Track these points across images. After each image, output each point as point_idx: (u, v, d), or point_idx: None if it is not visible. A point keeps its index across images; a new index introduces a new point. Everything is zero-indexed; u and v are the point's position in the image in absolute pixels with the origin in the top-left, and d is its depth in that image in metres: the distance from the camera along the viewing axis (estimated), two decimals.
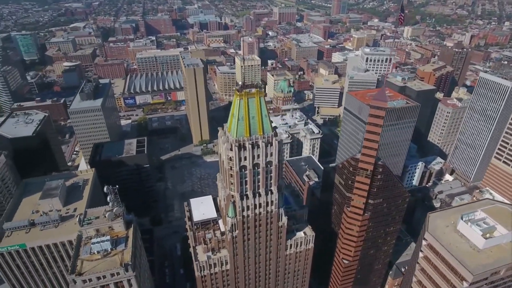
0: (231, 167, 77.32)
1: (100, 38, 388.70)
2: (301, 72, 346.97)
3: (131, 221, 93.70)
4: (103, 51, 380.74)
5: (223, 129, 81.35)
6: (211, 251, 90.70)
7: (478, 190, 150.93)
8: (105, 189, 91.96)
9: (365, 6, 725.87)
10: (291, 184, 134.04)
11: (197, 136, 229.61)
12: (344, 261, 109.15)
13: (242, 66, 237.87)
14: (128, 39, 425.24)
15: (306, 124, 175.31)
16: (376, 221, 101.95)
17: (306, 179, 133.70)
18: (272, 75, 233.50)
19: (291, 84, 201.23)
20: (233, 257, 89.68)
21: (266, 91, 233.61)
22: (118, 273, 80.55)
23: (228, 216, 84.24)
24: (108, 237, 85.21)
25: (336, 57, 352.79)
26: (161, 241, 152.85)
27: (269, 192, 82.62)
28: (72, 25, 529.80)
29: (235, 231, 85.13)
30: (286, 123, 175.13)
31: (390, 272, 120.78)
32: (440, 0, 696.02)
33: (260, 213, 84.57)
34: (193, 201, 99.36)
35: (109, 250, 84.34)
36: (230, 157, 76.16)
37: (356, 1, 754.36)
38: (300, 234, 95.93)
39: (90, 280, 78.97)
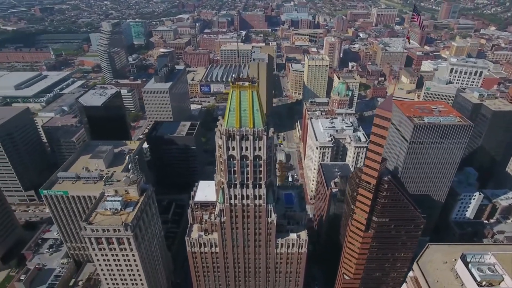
0: (220, 154, 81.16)
1: (194, 29, 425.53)
2: (382, 78, 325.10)
3: (146, 190, 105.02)
4: (195, 41, 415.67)
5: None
6: (204, 231, 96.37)
7: None
8: (126, 158, 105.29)
9: (484, 12, 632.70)
10: (302, 185, 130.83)
11: None
12: (345, 276, 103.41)
13: (309, 65, 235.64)
14: (220, 32, 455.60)
15: (355, 130, 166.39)
16: (382, 242, 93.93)
17: (332, 185, 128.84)
18: (339, 77, 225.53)
19: (350, 88, 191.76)
20: (221, 241, 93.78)
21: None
22: (119, 230, 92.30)
23: (217, 202, 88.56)
24: (120, 199, 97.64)
25: (426, 66, 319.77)
26: None
27: (257, 186, 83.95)
28: (178, 16, 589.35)
29: (223, 216, 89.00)
30: (333, 127, 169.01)
31: None
32: None
33: (248, 204, 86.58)
34: (202, 183, 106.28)
35: (119, 209, 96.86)
36: (220, 145, 79.95)
37: (475, 6, 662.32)
38: (294, 235, 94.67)
39: (97, 230, 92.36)
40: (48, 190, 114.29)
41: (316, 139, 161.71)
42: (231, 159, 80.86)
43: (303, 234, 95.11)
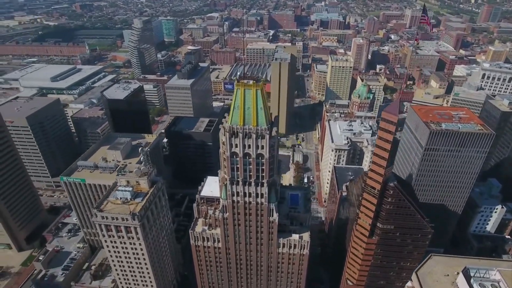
0: (224, 151, 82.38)
1: (222, 27, 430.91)
2: (411, 82, 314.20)
3: (156, 182, 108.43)
4: (223, 39, 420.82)
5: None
6: (209, 226, 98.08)
7: None
8: (139, 150, 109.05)
9: None
10: (310, 186, 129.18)
11: None
12: (348, 281, 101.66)
13: (332, 67, 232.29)
14: (248, 31, 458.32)
15: (373, 134, 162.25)
16: (387, 249, 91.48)
17: (344, 188, 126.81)
18: (362, 79, 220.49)
19: (372, 91, 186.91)
20: (224, 237, 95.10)
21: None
22: (127, 219, 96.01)
23: (221, 198, 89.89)
24: (131, 189, 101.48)
25: (459, 71, 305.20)
26: None
27: (260, 184, 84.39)
28: (208, 15, 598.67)
29: (225, 212, 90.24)
30: (351, 130, 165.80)
31: None
32: None
33: (250, 202, 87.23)
34: (210, 179, 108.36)
35: (129, 199, 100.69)
36: (223, 142, 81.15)
37: None
38: (296, 236, 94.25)
39: (106, 217, 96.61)
40: (68, 177, 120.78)
41: (332, 141, 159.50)
42: (234, 156, 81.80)
43: (306, 236, 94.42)
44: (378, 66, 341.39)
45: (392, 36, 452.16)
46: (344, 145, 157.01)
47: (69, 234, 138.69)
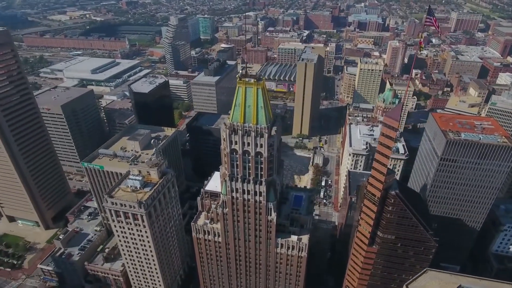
0: (224, 147, 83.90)
1: (256, 26, 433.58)
2: (448, 89, 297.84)
3: (166, 173, 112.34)
4: (256, 38, 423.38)
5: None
6: (210, 220, 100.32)
7: None
8: (151, 142, 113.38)
9: None
10: (326, 190, 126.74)
11: (297, 129, 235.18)
12: None
13: (361, 69, 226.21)
14: (282, 31, 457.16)
15: (396, 141, 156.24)
16: (387, 260, 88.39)
17: (355, 194, 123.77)
18: (391, 84, 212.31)
19: (398, 96, 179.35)
20: (224, 232, 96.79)
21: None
22: (134, 207, 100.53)
23: (221, 193, 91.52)
24: (141, 178, 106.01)
25: (503, 79, 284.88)
26: None
27: (258, 182, 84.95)
28: (246, 13, 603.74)
29: (225, 208, 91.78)
30: (372, 135, 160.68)
31: None
32: None
33: (248, 199, 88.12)
34: (217, 174, 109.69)
35: (138, 188, 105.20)
36: (224, 138, 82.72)
37: None
38: (295, 238, 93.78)
39: (115, 203, 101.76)
40: (88, 163, 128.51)
41: (350, 145, 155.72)
42: (234, 153, 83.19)
43: (305, 238, 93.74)
44: (414, 71, 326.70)
45: (433, 40, 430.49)
46: (362, 150, 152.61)
47: (89, 217, 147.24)
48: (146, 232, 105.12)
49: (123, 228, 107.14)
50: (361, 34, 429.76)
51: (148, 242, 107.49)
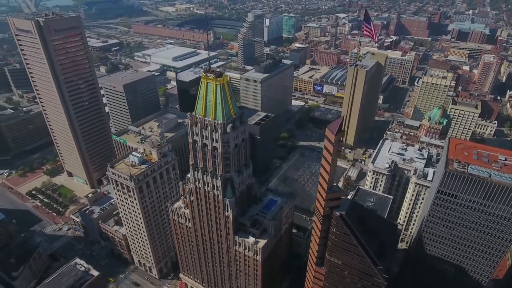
0: (189, 137, 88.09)
1: (335, 28, 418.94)
2: None
3: (166, 155, 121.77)
4: (333, 40, 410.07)
5: None
6: (185, 205, 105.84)
7: None
8: (157, 125, 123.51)
9: None
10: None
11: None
12: None
13: (423, 82, 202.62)
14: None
15: (427, 165, 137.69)
16: (336, 285, 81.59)
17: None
18: (455, 102, 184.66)
19: (448, 115, 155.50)
20: (192, 219, 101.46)
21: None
22: (126, 179, 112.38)
23: (189, 181, 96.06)
24: (139, 155, 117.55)
25: None
26: None
27: (215, 176, 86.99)
28: (336, 14, 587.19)
29: (191, 195, 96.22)
30: (402, 154, 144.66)
31: None
32: None
33: (208, 191, 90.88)
34: None
35: (136, 163, 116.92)
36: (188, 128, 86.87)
37: None
38: (252, 240, 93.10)
39: (114, 174, 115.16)
40: (116, 136, 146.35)
41: (373, 162, 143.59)
42: (196, 144, 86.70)
43: (261, 243, 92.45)
44: (508, 92, 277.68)
45: None
46: (384, 169, 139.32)
47: None
48: (136, 204, 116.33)
49: (121, 196, 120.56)
50: (455, 44, 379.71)
51: (139, 214, 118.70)
